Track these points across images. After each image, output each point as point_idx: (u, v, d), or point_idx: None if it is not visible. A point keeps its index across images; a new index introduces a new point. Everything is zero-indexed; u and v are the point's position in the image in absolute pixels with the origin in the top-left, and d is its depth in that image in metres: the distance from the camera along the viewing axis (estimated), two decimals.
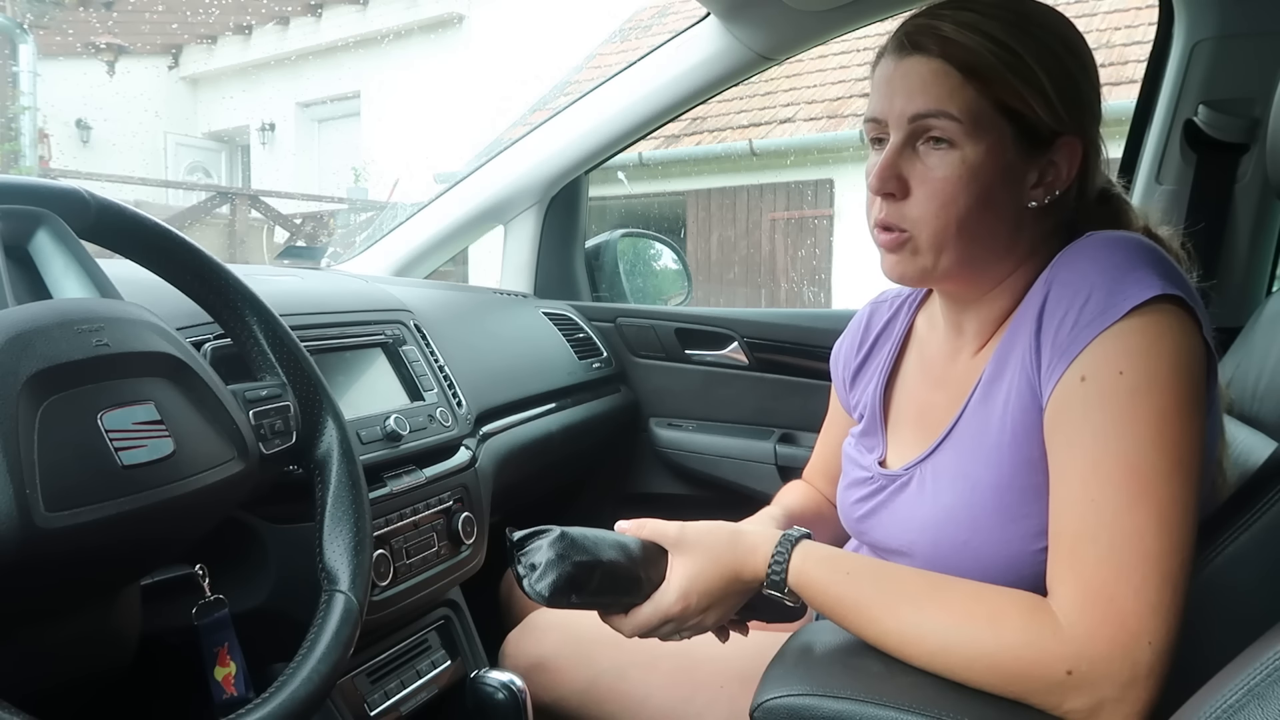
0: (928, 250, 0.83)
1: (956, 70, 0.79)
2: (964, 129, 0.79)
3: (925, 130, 0.80)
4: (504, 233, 1.92)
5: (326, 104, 9.51)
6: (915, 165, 0.82)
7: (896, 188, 0.82)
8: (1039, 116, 0.80)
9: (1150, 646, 0.68)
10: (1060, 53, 0.81)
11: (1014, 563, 0.79)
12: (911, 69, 0.81)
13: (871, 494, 0.93)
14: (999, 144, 0.80)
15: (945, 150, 0.80)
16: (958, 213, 0.80)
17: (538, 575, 0.83)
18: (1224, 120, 1.43)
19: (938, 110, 0.79)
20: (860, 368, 1.04)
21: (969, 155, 0.79)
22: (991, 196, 0.80)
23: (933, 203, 0.81)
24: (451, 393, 1.23)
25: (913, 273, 0.85)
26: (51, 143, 8.06)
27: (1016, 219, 0.83)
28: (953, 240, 0.81)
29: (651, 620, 0.85)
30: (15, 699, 0.59)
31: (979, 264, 0.84)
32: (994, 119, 0.79)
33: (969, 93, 0.79)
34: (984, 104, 0.79)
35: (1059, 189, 0.83)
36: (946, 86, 0.79)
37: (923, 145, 0.81)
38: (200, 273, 0.85)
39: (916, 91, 0.80)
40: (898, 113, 0.81)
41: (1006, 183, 0.81)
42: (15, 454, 0.59)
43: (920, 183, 0.81)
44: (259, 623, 0.90)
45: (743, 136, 6.66)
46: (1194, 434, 0.72)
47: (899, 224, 0.83)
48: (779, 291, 6.73)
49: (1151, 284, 0.73)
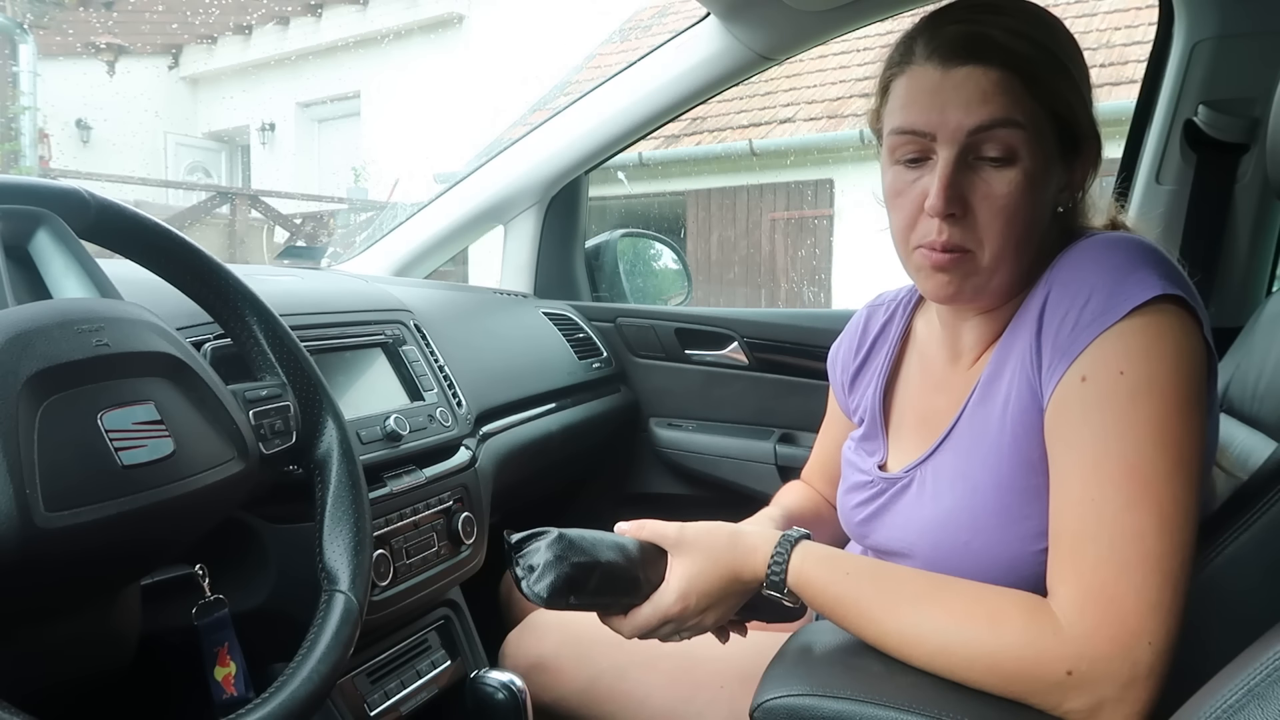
0: (986, 269, 0.80)
1: (1018, 79, 0.76)
2: (1028, 137, 0.76)
3: (984, 143, 0.77)
4: (504, 233, 1.92)
5: (326, 104, 9.50)
6: (973, 183, 0.78)
7: (959, 208, 0.78)
8: (1080, 122, 0.80)
9: (1150, 646, 0.68)
10: (1076, 56, 0.82)
11: (1015, 564, 0.79)
12: (968, 78, 0.76)
13: (872, 497, 0.93)
14: (1051, 153, 0.79)
15: (1009, 166, 0.77)
16: (1019, 228, 0.78)
17: (536, 576, 0.83)
18: (1224, 120, 1.43)
19: (1005, 119, 0.75)
20: (859, 371, 1.04)
21: (1029, 166, 0.77)
22: (1042, 206, 0.80)
23: (997, 221, 0.77)
24: (451, 393, 1.23)
25: (967, 292, 0.82)
26: (51, 143, 8.06)
27: (1047, 226, 0.82)
28: (1010, 256, 0.79)
29: (651, 621, 0.85)
30: (15, 699, 0.59)
31: (1016, 276, 0.82)
32: (1047, 128, 0.78)
33: (1030, 101, 0.76)
34: (1041, 112, 0.77)
35: (1078, 191, 0.83)
36: (1012, 95, 0.75)
37: (977, 161, 0.78)
38: (200, 273, 0.85)
39: (976, 102, 0.76)
40: (953, 126, 0.76)
41: (1052, 191, 0.81)
42: (15, 454, 0.59)
43: (982, 199, 0.77)
44: (259, 623, 0.90)
45: (743, 136, 6.66)
46: (1194, 434, 0.72)
47: (963, 245, 0.79)
48: (779, 291, 6.73)
49: (1152, 284, 0.73)
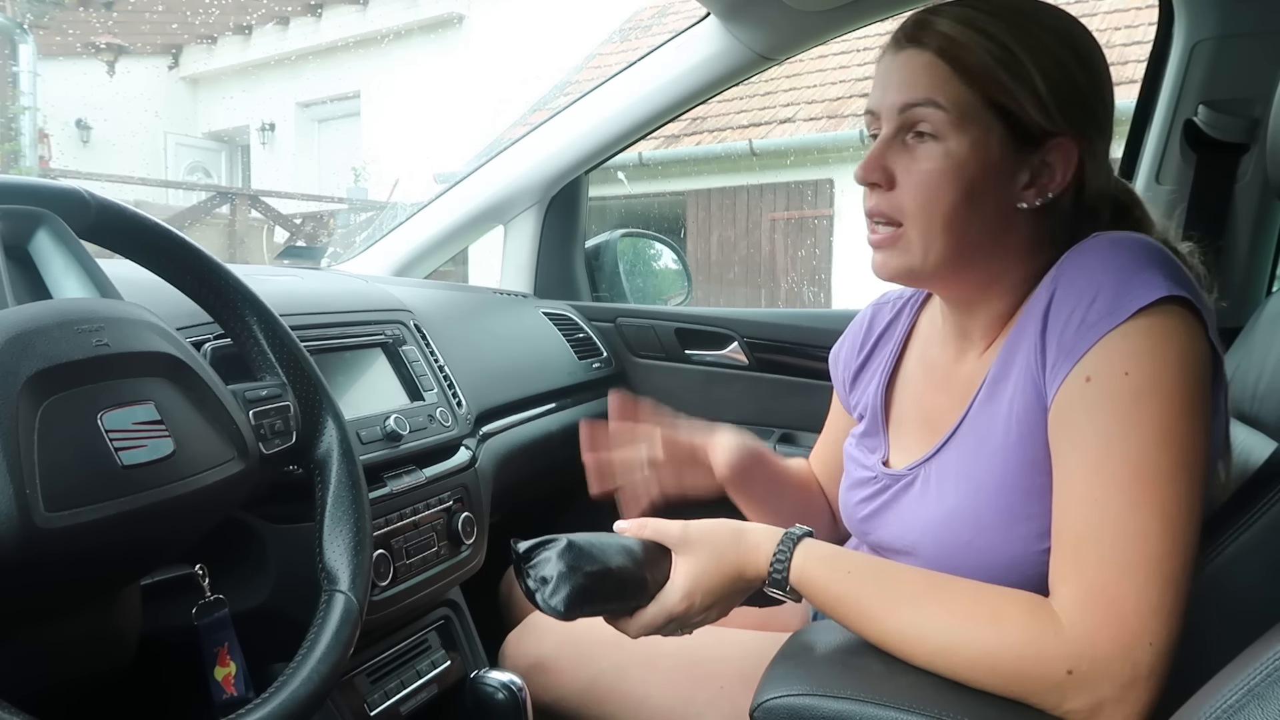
0: (917, 246, 0.83)
1: (945, 63, 0.80)
2: (950, 119, 0.80)
3: (914, 122, 0.81)
4: (504, 233, 1.92)
5: (326, 104, 9.50)
6: (902, 157, 0.82)
7: (881, 178, 0.83)
8: (1029, 115, 0.80)
9: (1151, 647, 0.68)
10: (1061, 54, 0.81)
11: (1018, 563, 0.79)
12: (905, 62, 0.82)
13: (875, 494, 0.93)
14: (984, 139, 0.80)
15: (931, 143, 0.81)
16: (942, 207, 0.81)
17: (551, 590, 0.81)
18: (1224, 120, 1.42)
19: (925, 99, 0.80)
20: (861, 368, 1.04)
21: (953, 148, 0.80)
22: (977, 192, 0.81)
23: (918, 194, 0.81)
24: (451, 393, 1.23)
25: (901, 269, 0.85)
26: (51, 143, 8.06)
27: (1005, 219, 0.83)
28: (938, 235, 0.82)
29: (656, 621, 0.85)
30: (15, 699, 0.59)
31: (965, 262, 0.84)
32: (981, 114, 0.80)
33: (957, 85, 0.80)
34: (972, 97, 0.80)
35: (1052, 191, 0.82)
36: (936, 78, 0.80)
37: (911, 138, 0.82)
38: (200, 273, 0.85)
39: (907, 83, 0.82)
40: (889, 104, 0.83)
41: (994, 180, 0.81)
42: (15, 454, 0.59)
43: (905, 174, 0.82)
44: (259, 623, 0.90)
45: (743, 136, 6.66)
46: (1198, 436, 0.72)
47: (888, 214, 0.83)
48: (779, 291, 6.73)
49: (1158, 285, 0.73)
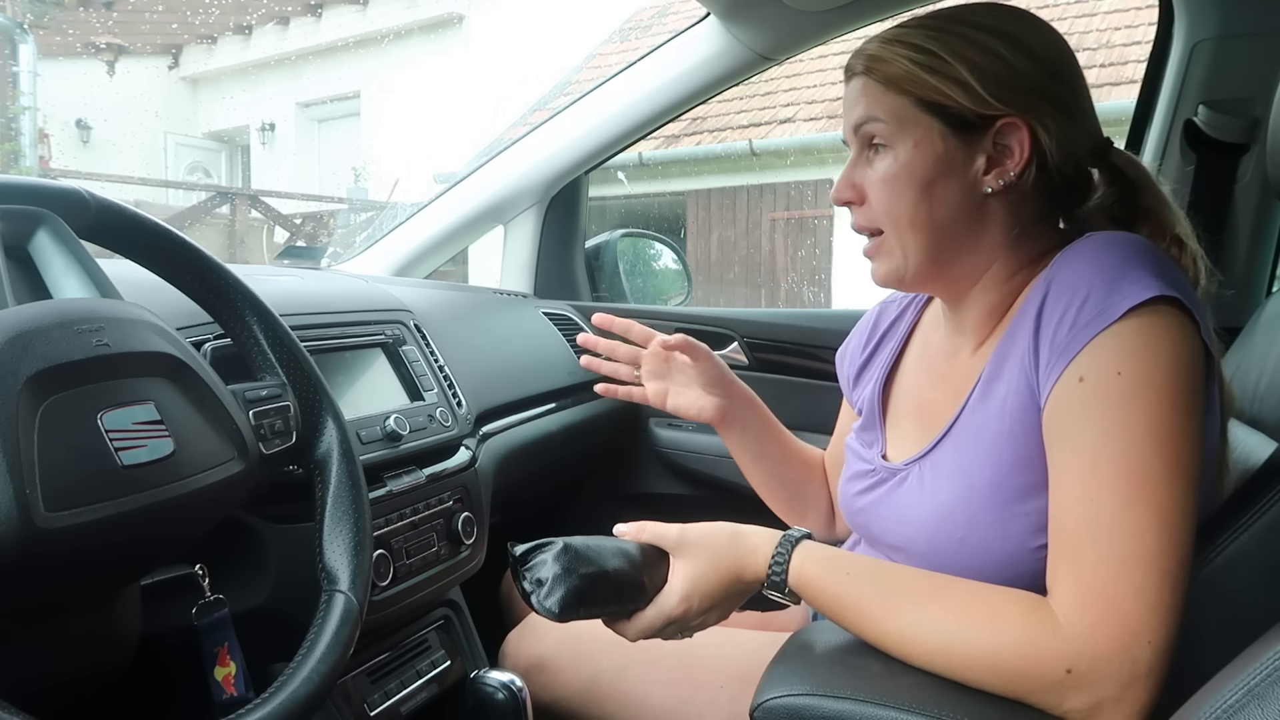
0: (897, 249, 0.88)
1: (874, 80, 0.87)
2: (890, 128, 0.86)
3: (869, 138, 0.88)
4: (504, 233, 1.92)
5: (326, 104, 9.50)
6: (866, 172, 0.89)
7: (853, 195, 0.90)
8: (961, 105, 0.83)
9: (1150, 645, 0.68)
10: (986, 41, 0.84)
11: (1011, 560, 0.79)
12: (851, 90, 0.90)
13: (872, 486, 0.94)
14: (926, 137, 0.84)
15: (884, 152, 0.87)
16: (906, 206, 0.86)
17: (546, 591, 0.82)
18: (1224, 120, 1.43)
19: (866, 117, 0.87)
20: (865, 364, 1.06)
21: (900, 153, 0.85)
22: (934, 186, 0.85)
23: (882, 200, 0.87)
24: (451, 393, 1.23)
25: (891, 274, 0.89)
26: (51, 143, 8.05)
27: (975, 207, 0.86)
28: (910, 234, 0.86)
29: (655, 624, 0.85)
30: (15, 699, 0.59)
31: (947, 257, 0.87)
32: (916, 115, 0.85)
33: (888, 96, 0.86)
34: (903, 103, 0.85)
35: (1014, 171, 0.84)
36: (870, 95, 0.87)
37: (870, 153, 0.88)
38: (200, 273, 0.85)
39: (851, 106, 0.90)
40: (847, 129, 0.91)
41: (947, 171, 0.85)
42: (15, 454, 0.59)
43: (870, 186, 0.88)
44: (259, 623, 0.90)
45: (743, 136, 6.66)
46: (1192, 434, 0.73)
47: (868, 225, 0.90)
48: (779, 291, 6.73)
49: (1149, 285, 0.74)
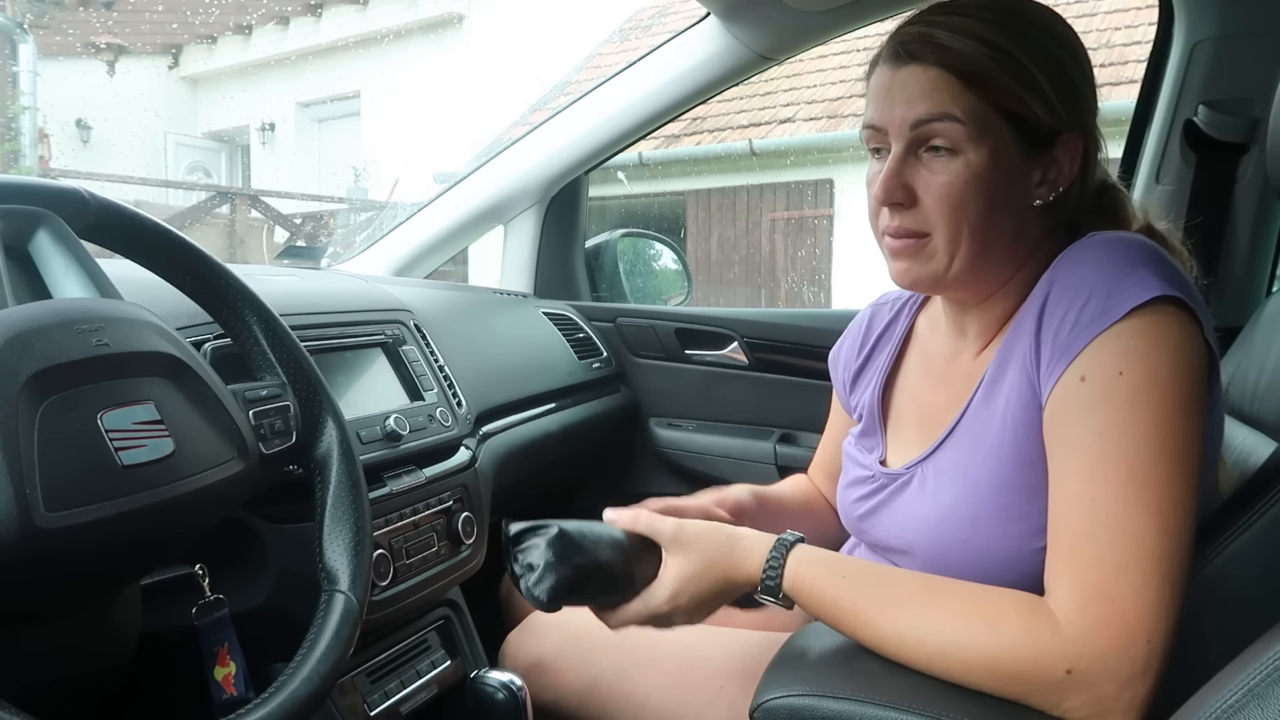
0: (943, 255, 0.82)
1: (955, 76, 0.79)
2: (968, 132, 0.79)
3: (927, 137, 0.80)
4: (504, 233, 1.92)
5: (326, 104, 9.49)
6: (919, 173, 0.81)
7: (904, 197, 0.82)
8: (1039, 117, 0.80)
9: (1149, 645, 0.68)
10: (1054, 50, 0.81)
11: (1014, 561, 0.79)
12: (910, 77, 0.80)
13: (872, 492, 0.93)
14: (1001, 147, 0.80)
15: (949, 156, 0.80)
16: (969, 218, 0.80)
17: (536, 578, 0.82)
18: (1224, 120, 1.42)
19: (941, 113, 0.79)
20: (861, 369, 1.04)
21: (973, 160, 0.79)
22: (999, 199, 0.81)
23: (943, 208, 0.80)
24: (451, 393, 1.23)
25: (925, 278, 0.85)
26: (51, 143, 8.04)
27: (1022, 218, 0.83)
28: (965, 244, 0.82)
29: (639, 617, 0.85)
30: (15, 698, 0.59)
31: (988, 266, 0.84)
32: (994, 123, 0.80)
33: (970, 98, 0.79)
34: (985, 108, 0.79)
35: (1062, 185, 0.83)
36: (947, 92, 0.79)
37: (925, 153, 0.81)
38: (200, 273, 0.85)
39: (916, 99, 0.80)
40: (899, 120, 0.81)
41: (1012, 184, 0.81)
42: (15, 454, 0.59)
43: (927, 190, 0.81)
44: (259, 623, 0.90)
45: (743, 136, 6.66)
46: (1193, 435, 0.73)
47: (914, 230, 0.83)
48: (779, 291, 6.73)
49: (1151, 285, 0.74)
